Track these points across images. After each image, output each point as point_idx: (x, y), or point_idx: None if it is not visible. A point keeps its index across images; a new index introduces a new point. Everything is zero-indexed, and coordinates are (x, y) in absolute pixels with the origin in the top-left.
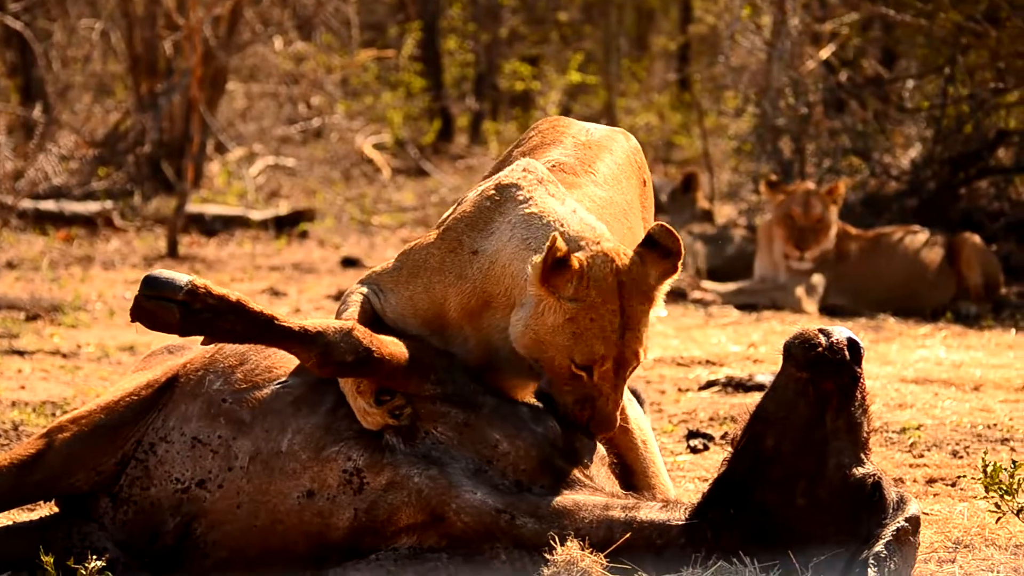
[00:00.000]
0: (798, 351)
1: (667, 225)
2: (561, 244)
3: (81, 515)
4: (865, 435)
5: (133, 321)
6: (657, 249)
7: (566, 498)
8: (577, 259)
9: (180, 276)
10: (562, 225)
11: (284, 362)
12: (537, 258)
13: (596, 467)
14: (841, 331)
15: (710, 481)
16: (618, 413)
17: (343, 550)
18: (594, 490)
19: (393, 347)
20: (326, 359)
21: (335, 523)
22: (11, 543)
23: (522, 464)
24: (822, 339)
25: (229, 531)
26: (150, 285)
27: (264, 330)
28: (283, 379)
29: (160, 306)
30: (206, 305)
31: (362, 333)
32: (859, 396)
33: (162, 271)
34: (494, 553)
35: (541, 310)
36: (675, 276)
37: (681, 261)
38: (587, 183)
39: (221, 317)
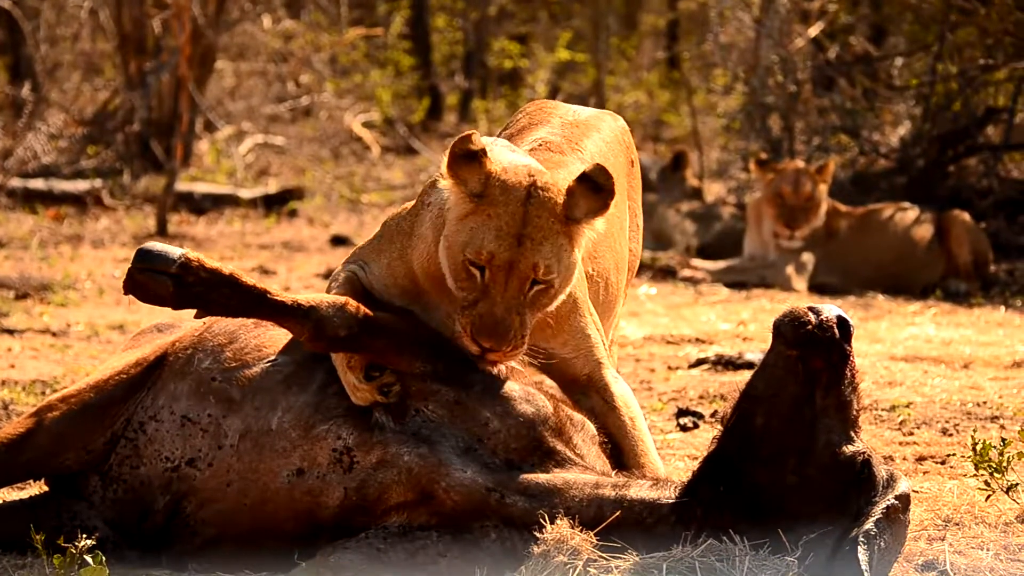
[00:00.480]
0: (787, 329)
1: (604, 165)
2: (477, 140)
3: (71, 494)
4: (855, 413)
5: (126, 294)
6: (589, 184)
7: (556, 476)
8: (492, 161)
9: (173, 249)
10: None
11: (274, 340)
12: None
13: (587, 446)
14: (831, 309)
15: (700, 459)
16: (514, 333)
17: (333, 528)
18: (584, 468)
19: (386, 323)
20: (319, 333)
21: (325, 501)
22: (2, 522)
23: (512, 443)
24: (811, 317)
25: (219, 509)
26: (143, 258)
27: (257, 304)
28: (273, 357)
29: (153, 279)
30: (199, 279)
31: (355, 308)
32: (848, 374)
33: (155, 244)
34: (484, 531)
35: (449, 203)
36: (605, 214)
37: (612, 200)
38: (574, 160)
39: (214, 290)
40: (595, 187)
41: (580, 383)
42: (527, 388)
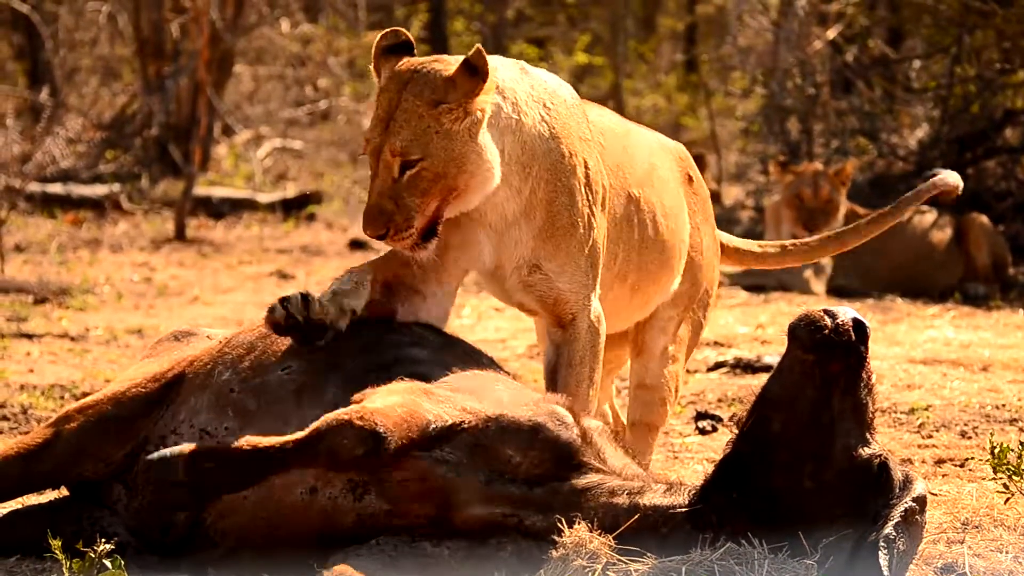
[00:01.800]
0: (803, 333)
1: (483, 49)
2: (402, 34)
3: (94, 501)
4: (871, 415)
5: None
6: (467, 67)
7: (575, 489)
8: (408, 58)
9: (174, 453)
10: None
11: (289, 348)
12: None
13: (611, 452)
14: (846, 311)
15: (715, 463)
16: (388, 217)
17: (349, 541)
18: (601, 472)
19: (397, 412)
20: (335, 462)
21: (339, 521)
22: (22, 527)
23: (535, 469)
24: (827, 320)
25: (238, 521)
26: (153, 470)
27: (267, 462)
28: (287, 364)
29: (171, 491)
30: (209, 470)
31: (365, 419)
32: (865, 376)
33: (154, 454)
34: (500, 546)
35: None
36: (483, 97)
37: (488, 82)
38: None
39: (227, 470)
40: (472, 69)
41: (557, 308)
42: (548, 405)
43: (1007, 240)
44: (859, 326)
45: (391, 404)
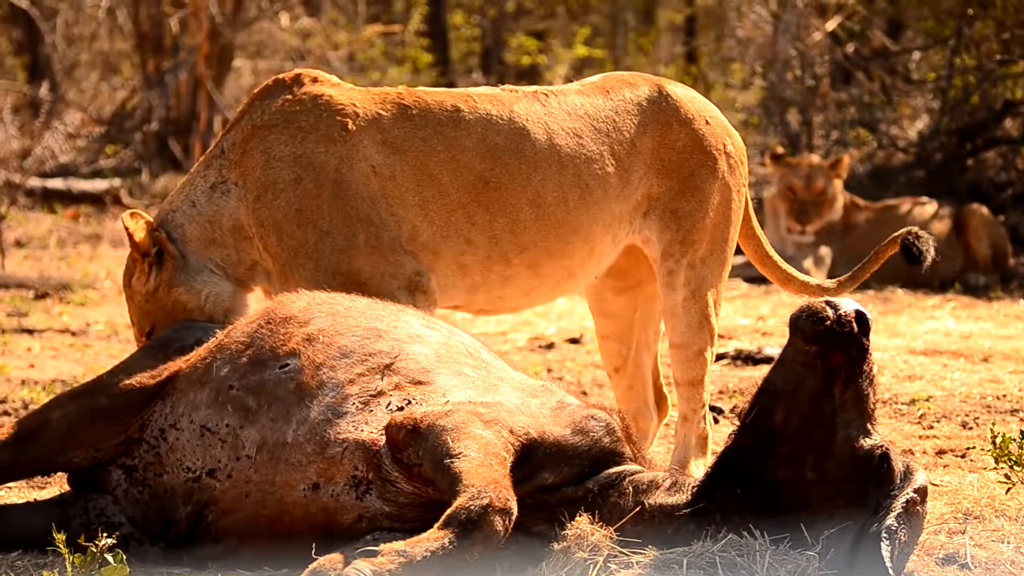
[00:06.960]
0: (806, 324)
1: (137, 213)
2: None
3: (95, 488)
4: (872, 406)
5: None
6: (129, 235)
7: (582, 489)
8: None
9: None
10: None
11: (287, 341)
12: None
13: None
14: (848, 303)
15: (716, 455)
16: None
17: (349, 539)
18: (620, 475)
19: (497, 471)
20: (488, 544)
21: (340, 520)
22: (31, 520)
23: (570, 491)
24: (829, 312)
25: (239, 519)
26: None
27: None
28: (285, 362)
29: None
30: None
31: (500, 499)
32: (866, 367)
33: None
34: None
35: None
36: (146, 249)
37: (137, 236)
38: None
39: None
40: (130, 235)
41: None
42: (585, 411)
43: (1007, 231)
44: (861, 317)
45: (483, 459)
